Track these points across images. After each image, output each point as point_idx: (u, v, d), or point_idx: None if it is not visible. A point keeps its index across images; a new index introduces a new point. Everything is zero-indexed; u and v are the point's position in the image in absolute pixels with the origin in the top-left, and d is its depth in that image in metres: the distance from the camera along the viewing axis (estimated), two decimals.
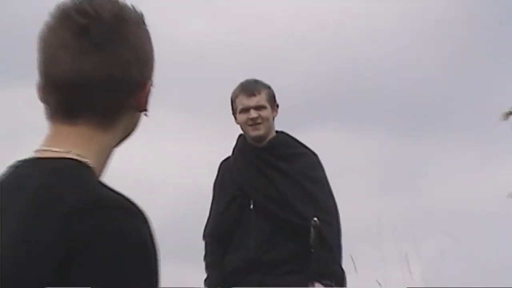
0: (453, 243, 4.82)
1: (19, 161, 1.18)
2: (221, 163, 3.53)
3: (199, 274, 3.32)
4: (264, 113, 3.30)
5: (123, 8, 1.19)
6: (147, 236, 1.06)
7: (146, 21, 1.22)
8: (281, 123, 3.44)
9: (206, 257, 3.37)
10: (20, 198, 1.11)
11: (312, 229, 3.06)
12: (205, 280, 3.34)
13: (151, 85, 1.22)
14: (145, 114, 1.24)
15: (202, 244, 3.41)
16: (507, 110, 4.26)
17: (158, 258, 1.08)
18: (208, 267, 3.35)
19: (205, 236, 3.42)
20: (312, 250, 3.09)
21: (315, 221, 3.07)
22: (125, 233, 1.05)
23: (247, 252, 3.22)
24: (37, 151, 1.18)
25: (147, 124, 1.27)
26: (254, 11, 7.47)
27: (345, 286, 3.25)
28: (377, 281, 4.41)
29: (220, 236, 3.33)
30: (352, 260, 3.87)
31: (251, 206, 3.30)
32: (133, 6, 1.20)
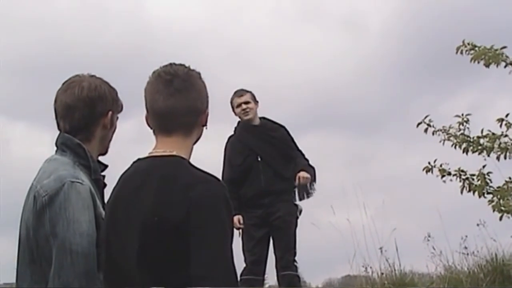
0: (389, 197, 7.64)
1: (138, 159, 1.89)
2: (229, 138, 5.44)
3: None
4: (250, 105, 5.28)
5: (189, 69, 1.93)
6: (227, 197, 1.76)
7: (202, 75, 1.96)
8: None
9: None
10: (153, 177, 1.78)
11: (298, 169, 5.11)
12: None
13: (208, 110, 1.96)
14: (206, 127, 1.97)
15: None
16: (419, 121, 5.86)
17: (232, 212, 1.76)
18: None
19: (224, 182, 4.62)
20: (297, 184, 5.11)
21: (299, 171, 5.09)
22: (217, 196, 1.74)
23: (260, 185, 5.19)
24: (150, 153, 1.88)
25: None
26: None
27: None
28: (347, 219, 6.83)
29: (238, 179, 5.20)
30: (332, 208, 6.16)
31: (259, 159, 5.27)
32: (194, 68, 1.94)
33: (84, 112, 2.15)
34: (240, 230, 5.20)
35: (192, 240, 1.66)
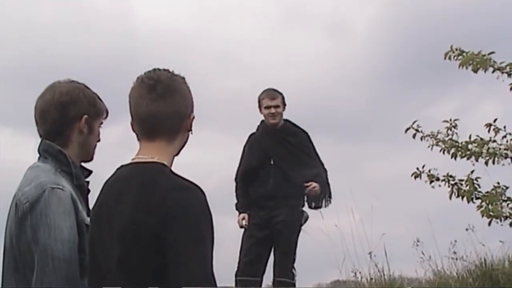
0: (378, 201, 7.43)
1: (122, 165, 1.88)
2: (251, 135, 5.49)
3: None
4: (279, 109, 5.27)
5: (173, 74, 1.91)
6: (207, 205, 1.75)
7: (186, 80, 1.94)
8: None
9: (237, 190, 5.36)
10: (133, 184, 1.77)
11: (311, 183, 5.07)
12: (236, 204, 5.33)
13: (193, 114, 1.94)
14: (191, 133, 1.94)
15: None
16: (408, 126, 5.94)
17: (212, 219, 1.75)
18: (238, 196, 5.35)
19: (237, 178, 5.38)
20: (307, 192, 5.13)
21: (309, 181, 5.08)
22: (196, 203, 1.73)
23: (267, 188, 5.18)
24: (133, 159, 1.87)
25: None
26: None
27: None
28: (335, 224, 6.68)
29: (248, 177, 5.31)
30: (320, 212, 5.76)
31: (272, 162, 5.27)
32: (178, 73, 1.93)
33: (55, 117, 2.13)
34: (243, 229, 5.25)
35: (169, 248, 1.65)
